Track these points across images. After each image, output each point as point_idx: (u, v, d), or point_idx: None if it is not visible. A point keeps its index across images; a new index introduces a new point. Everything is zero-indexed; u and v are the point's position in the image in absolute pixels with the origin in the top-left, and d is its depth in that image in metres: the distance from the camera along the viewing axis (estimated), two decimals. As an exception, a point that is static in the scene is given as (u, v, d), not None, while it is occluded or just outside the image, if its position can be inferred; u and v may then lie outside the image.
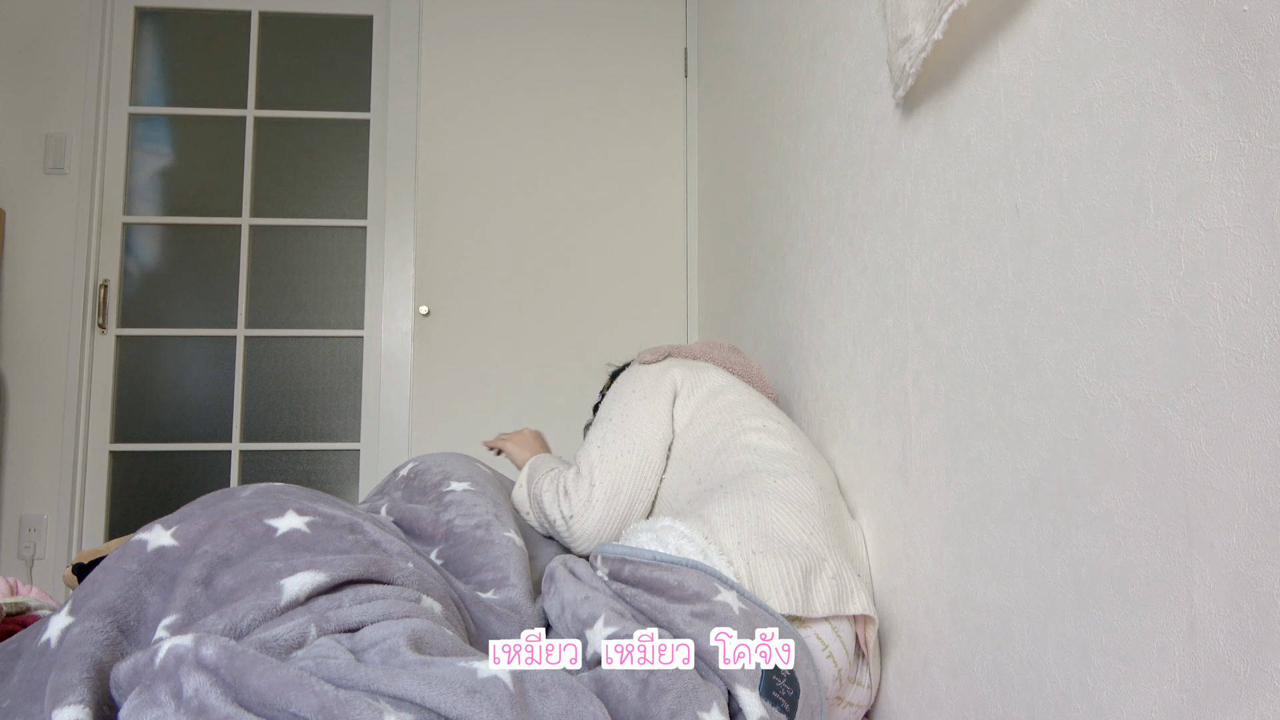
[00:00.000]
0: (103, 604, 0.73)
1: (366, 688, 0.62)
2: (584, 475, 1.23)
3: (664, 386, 1.31)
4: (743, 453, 1.18)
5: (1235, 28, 0.55)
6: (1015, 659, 0.81)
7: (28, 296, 2.66)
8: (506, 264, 2.80)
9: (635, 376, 1.34)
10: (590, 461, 1.23)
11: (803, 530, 1.05)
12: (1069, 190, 0.73)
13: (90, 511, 2.67)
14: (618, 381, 1.37)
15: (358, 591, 0.77)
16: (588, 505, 1.20)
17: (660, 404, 1.29)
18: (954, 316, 0.94)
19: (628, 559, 0.95)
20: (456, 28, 2.86)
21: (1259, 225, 0.53)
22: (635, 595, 0.92)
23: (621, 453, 1.23)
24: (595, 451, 1.24)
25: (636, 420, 1.26)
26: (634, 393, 1.30)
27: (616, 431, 1.26)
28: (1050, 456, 0.75)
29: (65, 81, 2.73)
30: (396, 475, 1.29)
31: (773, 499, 1.08)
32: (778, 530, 1.03)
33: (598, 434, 1.27)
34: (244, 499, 0.85)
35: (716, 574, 0.93)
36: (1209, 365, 0.57)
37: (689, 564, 0.93)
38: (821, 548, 1.04)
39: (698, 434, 1.25)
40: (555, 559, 1.03)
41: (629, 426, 1.26)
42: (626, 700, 0.77)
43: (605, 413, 1.31)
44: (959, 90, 0.93)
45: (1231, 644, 0.55)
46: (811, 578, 1.00)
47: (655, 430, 1.26)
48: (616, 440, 1.24)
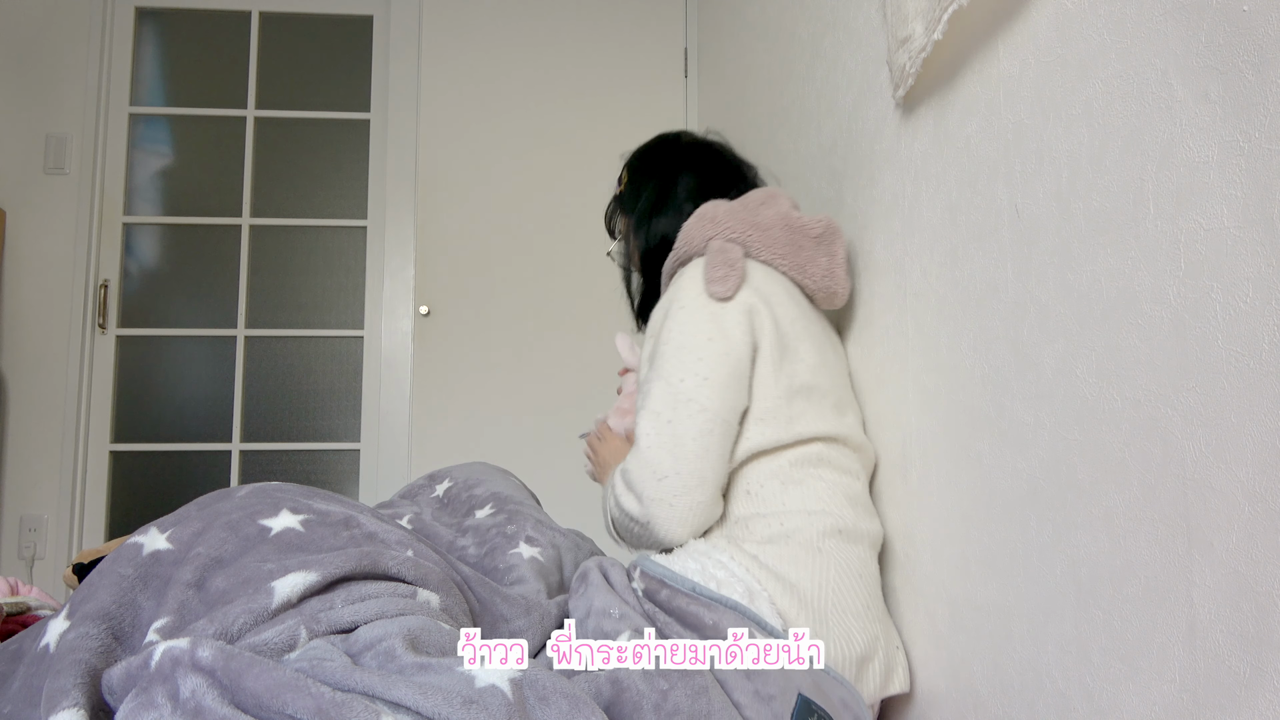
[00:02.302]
0: (97, 609, 0.72)
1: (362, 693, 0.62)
2: (647, 462, 0.99)
3: (741, 341, 1.03)
4: (807, 483, 1.03)
5: (1235, 28, 0.55)
6: (1015, 659, 0.81)
7: (28, 296, 2.66)
8: (506, 264, 2.80)
9: (698, 314, 1.04)
10: (649, 440, 1.00)
11: (859, 600, 0.98)
12: (1069, 190, 0.73)
13: (90, 511, 2.67)
14: (674, 315, 1.05)
15: (350, 590, 0.76)
16: (659, 503, 0.98)
17: (738, 365, 1.02)
18: (954, 316, 0.94)
19: (667, 582, 0.92)
20: (456, 28, 2.86)
21: (1259, 225, 0.53)
22: (668, 623, 0.90)
23: (692, 431, 0.99)
24: (657, 427, 1.00)
25: (705, 386, 1.00)
26: (696, 341, 1.02)
27: (677, 397, 1.00)
28: (1050, 456, 0.75)
29: (65, 81, 2.73)
30: (432, 491, 1.26)
31: (833, 563, 0.98)
32: (835, 604, 0.96)
33: (658, 398, 1.01)
34: (239, 499, 0.85)
35: (759, 620, 0.90)
36: (1209, 365, 0.57)
37: (730, 604, 0.90)
38: (875, 626, 0.98)
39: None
40: (590, 560, 1.00)
41: (695, 391, 1.00)
42: (641, 709, 0.77)
43: (662, 365, 1.03)
44: (959, 90, 0.93)
45: (1231, 644, 0.55)
46: (865, 665, 0.96)
47: (731, 399, 1.01)
48: (680, 409, 1.00)
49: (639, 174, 1.29)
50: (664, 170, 1.26)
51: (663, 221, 1.23)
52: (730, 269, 1.06)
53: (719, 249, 1.08)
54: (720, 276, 1.05)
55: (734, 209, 1.14)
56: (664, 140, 1.32)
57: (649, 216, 1.24)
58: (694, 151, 1.28)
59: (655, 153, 1.30)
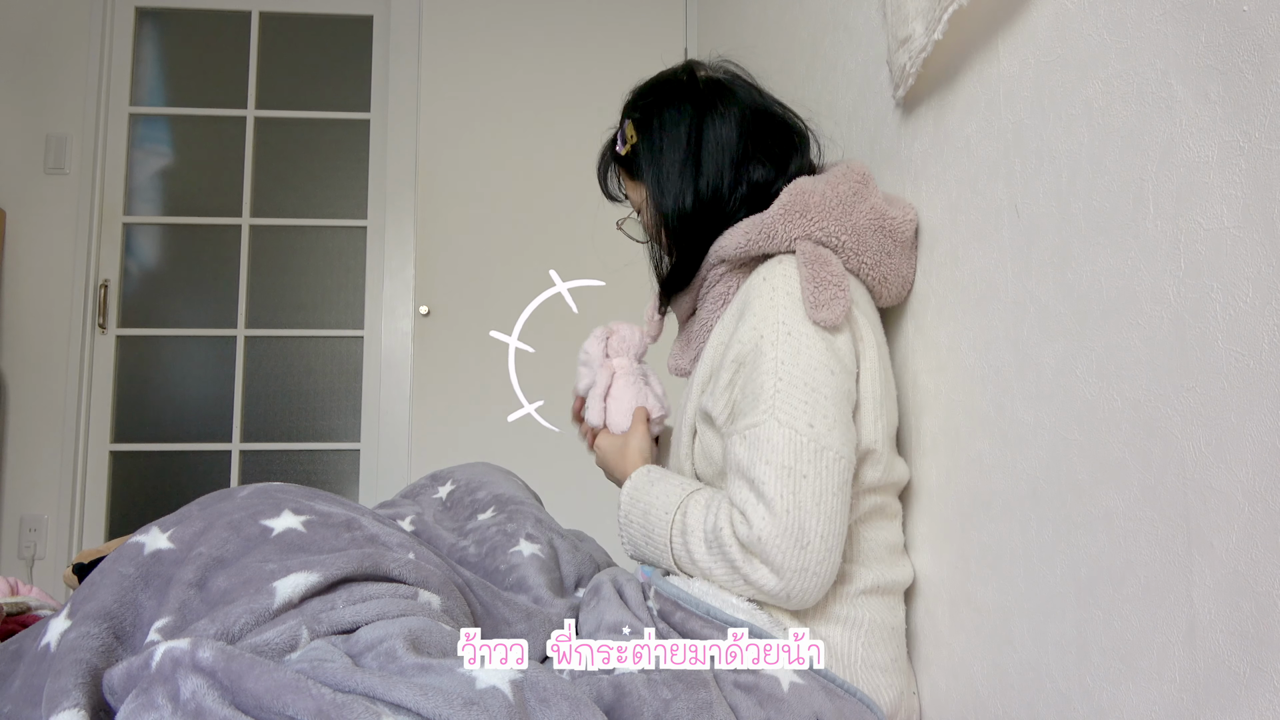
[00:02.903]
0: (98, 609, 0.73)
1: (363, 694, 0.62)
2: (787, 529, 0.83)
3: (853, 372, 0.91)
4: (852, 540, 0.94)
5: (1235, 28, 0.55)
6: (1015, 659, 0.81)
7: (28, 296, 2.66)
8: (506, 264, 2.80)
9: (813, 342, 0.88)
10: (786, 503, 0.83)
11: (887, 655, 0.93)
12: (1069, 190, 0.73)
13: (90, 511, 2.67)
14: (780, 344, 0.88)
15: (352, 591, 0.76)
16: (802, 574, 0.84)
17: (851, 399, 0.91)
18: (954, 316, 0.94)
19: (681, 604, 0.89)
20: (456, 28, 2.86)
21: (1259, 225, 0.53)
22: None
23: (833, 486, 0.85)
24: (792, 485, 0.84)
25: (835, 430, 0.86)
26: (817, 377, 0.87)
27: (810, 445, 0.85)
28: (1050, 456, 0.75)
29: (65, 81, 2.73)
30: (434, 492, 1.23)
31: (866, 621, 0.92)
32: (865, 660, 0.91)
33: (783, 449, 0.85)
34: (240, 499, 0.85)
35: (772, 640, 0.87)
36: (1209, 365, 0.57)
37: (745, 626, 0.87)
38: (900, 680, 0.94)
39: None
40: (604, 573, 0.98)
41: (828, 438, 0.86)
42: (641, 716, 0.76)
43: (777, 406, 0.86)
44: (959, 90, 0.93)
45: (1231, 643, 0.55)
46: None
47: (853, 439, 0.89)
48: (818, 460, 0.85)
49: (653, 129, 1.04)
50: (686, 122, 1.02)
51: (698, 187, 1.01)
52: (838, 289, 0.89)
53: (815, 257, 0.91)
54: (828, 300, 0.89)
55: (827, 200, 0.96)
56: (674, 81, 1.07)
57: (677, 183, 1.02)
58: (718, 94, 1.04)
59: (669, 99, 1.05)
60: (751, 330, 0.91)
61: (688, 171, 1.02)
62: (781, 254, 0.95)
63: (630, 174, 1.09)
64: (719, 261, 1.01)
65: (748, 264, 1.00)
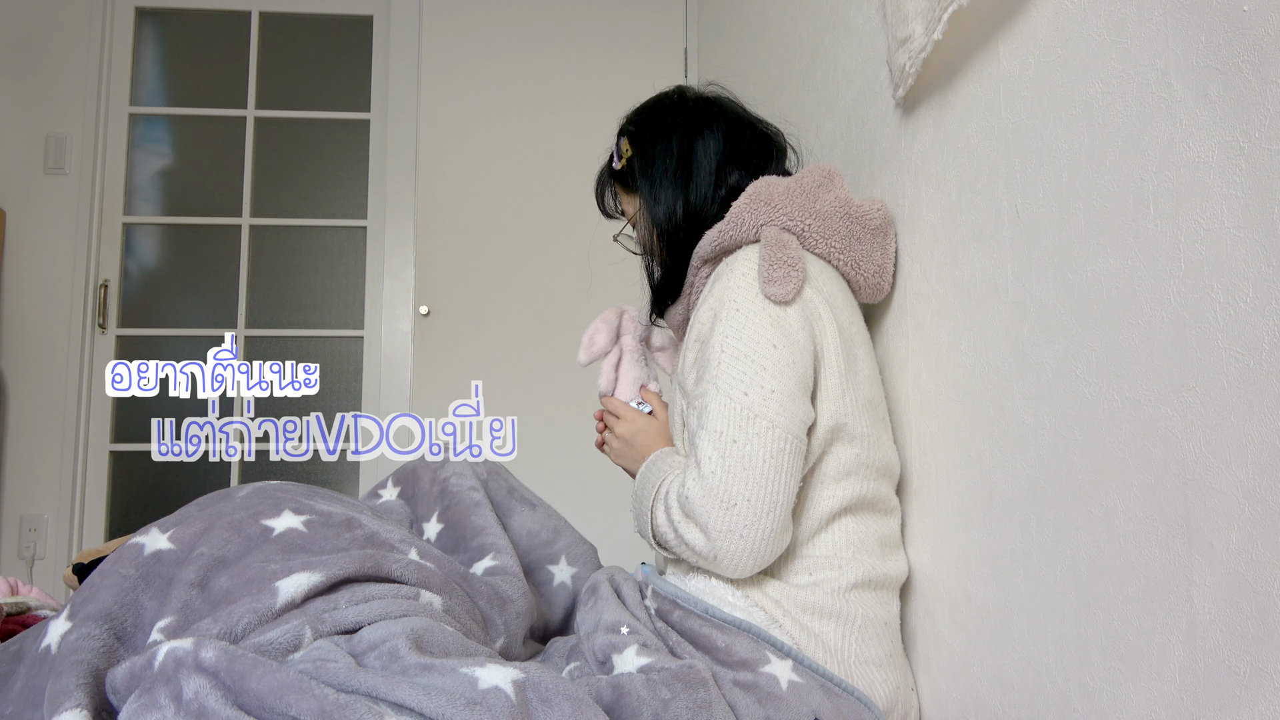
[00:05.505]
0: (99, 610, 0.73)
1: (366, 694, 0.62)
2: (712, 489, 0.87)
3: (806, 347, 0.92)
4: (840, 531, 0.96)
5: (1235, 28, 0.55)
6: (1015, 659, 0.81)
7: (28, 296, 2.65)
8: (506, 264, 2.80)
9: (757, 317, 0.92)
10: (713, 465, 0.88)
11: (881, 650, 0.94)
12: (1069, 190, 0.73)
13: (90, 511, 2.67)
14: (727, 319, 0.92)
15: (354, 591, 0.77)
16: (728, 535, 0.87)
17: (804, 374, 0.92)
18: (954, 316, 0.94)
19: (680, 603, 0.91)
20: (456, 28, 2.86)
21: (1259, 225, 0.53)
22: (679, 643, 0.89)
23: (762, 452, 0.87)
24: (721, 449, 0.88)
25: (772, 399, 0.88)
26: (758, 350, 0.90)
27: (742, 412, 0.88)
28: (1050, 456, 0.75)
29: (65, 81, 2.72)
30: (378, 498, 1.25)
31: (859, 615, 0.93)
32: (859, 655, 0.92)
33: (719, 415, 0.89)
34: (240, 499, 0.85)
35: (774, 643, 0.88)
36: (1209, 365, 0.57)
37: (745, 627, 0.88)
38: (896, 674, 0.94)
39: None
40: (601, 572, 0.98)
41: (762, 406, 0.88)
42: (640, 716, 0.76)
43: (719, 377, 0.90)
44: (959, 90, 0.93)
45: (1231, 643, 0.55)
46: (888, 716, 0.94)
47: (800, 413, 0.90)
48: (748, 426, 0.88)
49: (646, 143, 1.11)
50: (677, 136, 1.09)
51: (687, 196, 1.07)
52: (791, 268, 0.92)
53: (775, 240, 0.95)
54: (780, 276, 0.92)
55: (791, 190, 1.00)
56: (666, 102, 1.15)
57: (669, 192, 1.08)
58: (706, 111, 1.12)
59: (661, 117, 1.13)
60: (709, 310, 0.96)
61: (679, 181, 1.08)
62: (749, 244, 0.99)
63: (625, 187, 1.16)
64: (701, 263, 1.06)
65: (724, 259, 1.03)
